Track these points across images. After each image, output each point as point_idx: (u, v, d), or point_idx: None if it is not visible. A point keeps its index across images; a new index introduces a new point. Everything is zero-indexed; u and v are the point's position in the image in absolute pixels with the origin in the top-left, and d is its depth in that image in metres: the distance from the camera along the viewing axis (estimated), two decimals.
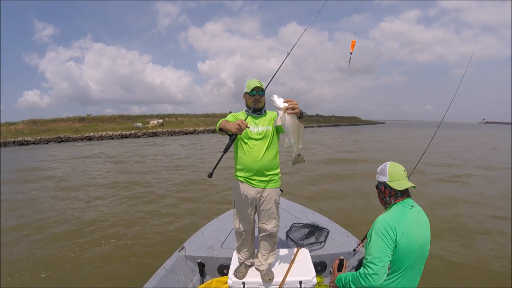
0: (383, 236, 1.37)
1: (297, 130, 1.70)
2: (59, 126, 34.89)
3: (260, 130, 2.02)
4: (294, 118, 1.68)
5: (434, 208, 5.77)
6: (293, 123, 1.68)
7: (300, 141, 1.74)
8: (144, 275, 2.36)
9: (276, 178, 2.10)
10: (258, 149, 2.00)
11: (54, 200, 7.10)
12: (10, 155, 17.61)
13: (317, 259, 2.54)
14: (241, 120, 1.80)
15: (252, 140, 2.01)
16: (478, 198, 6.78)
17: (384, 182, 1.50)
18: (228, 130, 1.84)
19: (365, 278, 1.37)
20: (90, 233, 4.89)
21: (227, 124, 1.85)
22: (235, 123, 1.77)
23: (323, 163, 11.96)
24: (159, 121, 39.09)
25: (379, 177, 1.55)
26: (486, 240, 4.48)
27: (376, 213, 1.57)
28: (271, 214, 2.11)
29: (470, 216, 5.51)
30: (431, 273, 3.30)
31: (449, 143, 21.44)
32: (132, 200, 6.84)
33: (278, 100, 1.67)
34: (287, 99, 1.65)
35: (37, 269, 3.75)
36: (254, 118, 2.07)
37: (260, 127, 2.03)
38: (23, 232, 4.94)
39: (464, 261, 3.84)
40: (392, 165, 1.53)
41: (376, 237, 1.39)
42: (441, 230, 4.71)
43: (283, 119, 1.67)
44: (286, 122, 1.67)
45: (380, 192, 1.53)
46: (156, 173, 10.41)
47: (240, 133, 1.82)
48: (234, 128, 1.76)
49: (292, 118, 1.67)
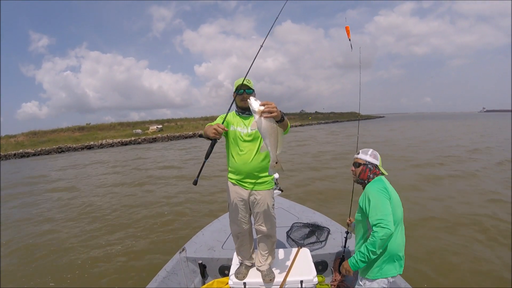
0: (381, 196, 1.65)
1: (274, 135, 1.56)
2: (59, 136, 34.91)
3: (250, 131, 1.94)
4: (271, 122, 1.54)
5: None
6: (270, 128, 1.55)
7: (278, 147, 1.60)
8: (146, 277, 2.41)
9: (269, 180, 2.04)
10: (248, 151, 1.95)
11: (59, 203, 7.16)
12: (12, 168, 17.60)
13: (318, 259, 2.55)
14: (218, 124, 1.76)
15: (242, 142, 1.96)
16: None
17: (375, 164, 1.85)
18: (207, 135, 1.79)
19: (380, 232, 1.53)
20: (90, 234, 4.93)
21: (207, 129, 1.79)
22: (212, 128, 1.72)
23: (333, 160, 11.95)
24: (158, 127, 39.08)
25: (370, 159, 1.85)
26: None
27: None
28: (266, 216, 2.07)
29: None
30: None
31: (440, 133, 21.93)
32: (133, 202, 6.89)
33: (255, 103, 1.55)
34: (264, 102, 1.53)
35: (39, 268, 3.83)
36: (243, 118, 2.00)
37: (250, 128, 1.92)
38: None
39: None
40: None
41: (377, 198, 1.65)
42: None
43: (258, 123, 1.55)
44: (262, 127, 1.54)
45: (369, 170, 1.83)
46: (156, 176, 10.46)
47: (219, 137, 1.77)
48: (211, 133, 1.71)
49: (269, 122, 1.54)
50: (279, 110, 1.56)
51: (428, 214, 5.22)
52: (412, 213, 5.09)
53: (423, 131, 27.45)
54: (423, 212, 5.32)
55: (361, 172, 1.84)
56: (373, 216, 1.61)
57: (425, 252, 3.81)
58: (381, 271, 1.67)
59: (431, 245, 4.04)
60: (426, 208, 5.55)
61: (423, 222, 4.83)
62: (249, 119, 1.99)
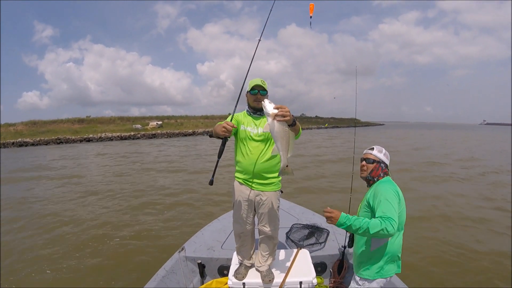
0: (394, 197, 1.64)
1: (286, 138, 1.58)
2: (58, 127, 34.87)
3: (260, 132, 1.94)
4: (283, 126, 1.56)
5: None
6: (282, 131, 1.56)
7: (289, 151, 1.61)
8: (145, 276, 2.39)
9: (276, 181, 2.03)
10: (257, 151, 1.94)
11: (53, 199, 7.11)
12: (11, 155, 17.58)
13: (317, 260, 2.54)
14: (226, 122, 1.76)
15: (252, 141, 1.95)
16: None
17: (387, 164, 1.85)
18: (217, 134, 1.79)
19: (389, 228, 1.52)
20: (89, 233, 4.88)
21: (216, 127, 1.79)
22: (221, 126, 1.72)
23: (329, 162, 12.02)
24: (158, 123, 39.13)
25: (383, 158, 1.84)
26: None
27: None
28: (271, 217, 2.07)
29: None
30: None
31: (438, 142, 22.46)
32: (133, 202, 6.81)
33: (269, 105, 1.56)
34: (278, 105, 1.54)
35: (40, 266, 3.79)
36: (255, 119, 2.00)
37: (260, 128, 1.93)
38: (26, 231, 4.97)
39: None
40: None
41: (390, 198, 1.63)
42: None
43: (271, 126, 1.56)
44: (275, 130, 1.56)
45: (381, 169, 1.83)
46: (155, 175, 10.40)
47: (228, 135, 1.77)
48: (221, 131, 1.71)
49: (281, 126, 1.55)
50: (291, 114, 1.57)
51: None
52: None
53: (418, 139, 27.98)
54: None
55: (374, 170, 1.82)
56: (385, 212, 1.58)
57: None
58: (382, 271, 1.70)
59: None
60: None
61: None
62: (260, 120, 1.99)
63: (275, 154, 1.85)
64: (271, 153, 1.88)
